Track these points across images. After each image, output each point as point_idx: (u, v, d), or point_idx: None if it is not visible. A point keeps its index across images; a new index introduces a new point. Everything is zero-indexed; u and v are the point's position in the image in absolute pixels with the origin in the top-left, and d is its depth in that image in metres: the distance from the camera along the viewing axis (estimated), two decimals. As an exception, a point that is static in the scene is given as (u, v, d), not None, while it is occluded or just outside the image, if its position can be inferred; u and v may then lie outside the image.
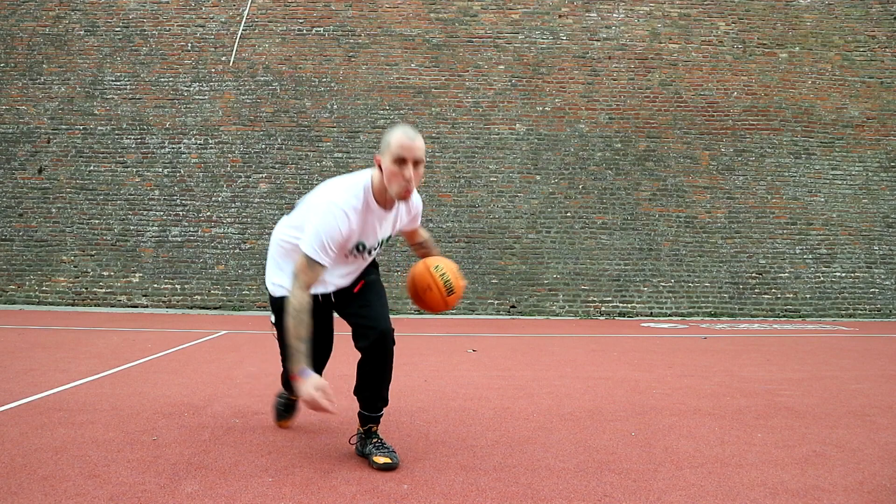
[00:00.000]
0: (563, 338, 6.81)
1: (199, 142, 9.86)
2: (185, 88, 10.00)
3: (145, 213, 9.66)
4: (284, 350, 2.34)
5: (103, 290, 9.41)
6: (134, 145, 9.84)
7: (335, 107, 9.97)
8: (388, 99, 9.99)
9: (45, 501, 1.88)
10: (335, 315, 2.42)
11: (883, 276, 9.90)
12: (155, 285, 9.42)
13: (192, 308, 9.31)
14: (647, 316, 9.51)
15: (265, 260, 2.48)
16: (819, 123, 10.29)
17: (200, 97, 9.97)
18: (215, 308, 9.31)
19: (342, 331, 2.42)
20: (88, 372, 4.07)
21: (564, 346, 5.93)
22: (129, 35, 10.19)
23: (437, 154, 9.88)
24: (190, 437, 2.59)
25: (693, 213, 9.88)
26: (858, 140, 10.28)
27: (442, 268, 2.31)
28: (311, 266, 2.08)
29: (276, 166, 9.82)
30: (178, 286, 9.42)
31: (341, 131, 9.92)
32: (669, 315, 9.52)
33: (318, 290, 2.25)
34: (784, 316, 9.61)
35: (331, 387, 3.73)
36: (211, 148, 9.85)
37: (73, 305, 9.34)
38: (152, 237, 9.59)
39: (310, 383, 1.98)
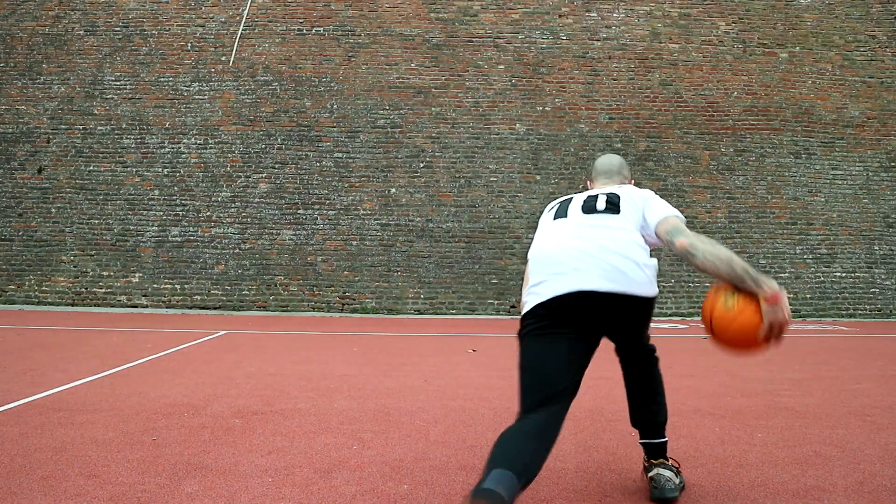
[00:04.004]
0: (563, 338, 6.79)
1: (198, 142, 9.86)
2: (185, 88, 10.00)
3: (145, 213, 9.66)
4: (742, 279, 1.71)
5: (103, 290, 9.41)
6: (134, 145, 9.84)
7: (335, 107, 9.97)
8: (388, 99, 9.99)
9: (45, 501, 1.88)
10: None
11: (883, 276, 9.90)
12: (155, 285, 9.42)
13: (191, 308, 9.30)
14: (647, 316, 9.50)
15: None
16: (819, 123, 10.28)
17: (200, 97, 9.97)
18: (215, 308, 9.31)
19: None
20: (88, 372, 4.07)
21: (564, 346, 5.91)
22: (128, 35, 10.18)
23: (437, 154, 9.88)
24: (190, 437, 2.59)
25: (693, 213, 9.87)
26: (859, 140, 10.27)
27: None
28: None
29: (276, 166, 9.81)
30: (178, 286, 9.42)
31: (341, 131, 9.92)
32: (670, 315, 9.52)
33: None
34: (784, 316, 9.59)
35: (331, 387, 3.71)
36: (211, 148, 9.84)
37: (72, 305, 9.34)
38: (152, 237, 9.59)
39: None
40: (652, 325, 2.22)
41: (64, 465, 2.21)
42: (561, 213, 1.98)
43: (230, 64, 10.05)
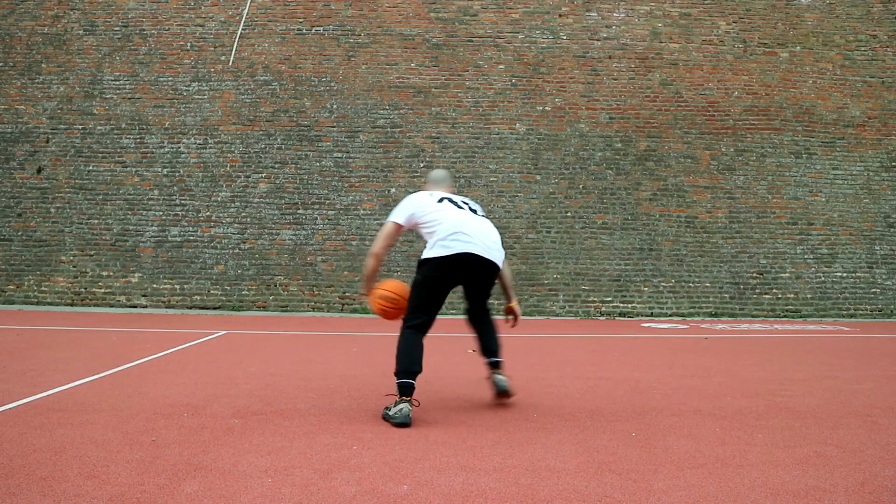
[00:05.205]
0: (563, 338, 6.80)
1: (198, 141, 9.85)
2: (185, 88, 9.99)
3: (144, 212, 9.65)
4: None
5: (102, 291, 9.40)
6: (133, 145, 9.83)
7: (335, 106, 9.96)
8: (388, 99, 9.98)
9: (45, 502, 1.87)
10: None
11: (884, 277, 9.89)
12: (154, 285, 9.41)
13: (191, 308, 9.30)
14: (647, 316, 9.50)
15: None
16: (820, 123, 10.28)
17: (200, 97, 9.97)
18: (215, 308, 9.30)
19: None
20: (87, 372, 4.06)
21: (564, 346, 5.92)
22: (128, 34, 10.18)
23: (437, 154, 9.87)
24: (190, 438, 2.59)
25: (694, 213, 9.87)
26: (859, 140, 10.27)
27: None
28: None
29: (276, 166, 9.81)
30: (178, 286, 9.41)
31: (341, 131, 9.91)
32: (670, 315, 9.51)
33: None
34: (785, 316, 9.60)
35: (331, 387, 3.73)
36: (210, 148, 9.84)
37: (72, 305, 9.33)
38: (151, 237, 9.58)
39: None
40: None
41: (63, 466, 2.20)
42: (458, 206, 3.17)
43: (230, 64, 10.05)
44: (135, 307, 9.31)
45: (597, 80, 10.18)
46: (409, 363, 2.87)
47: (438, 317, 3.20)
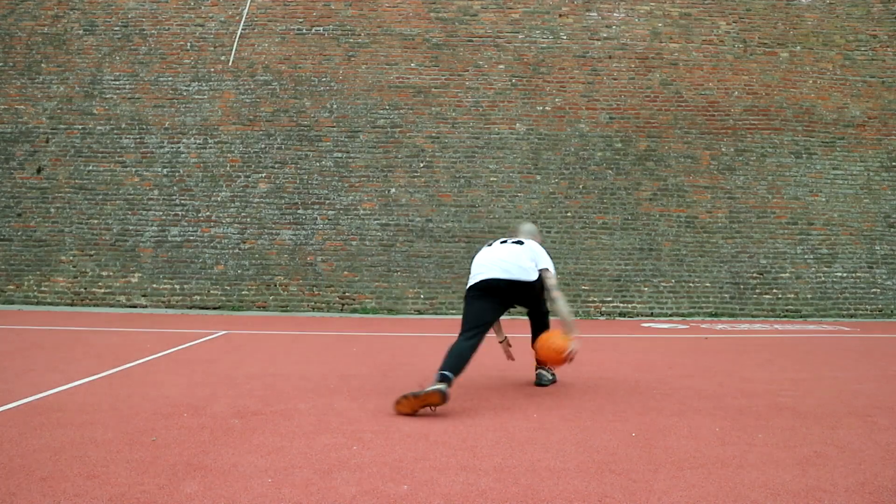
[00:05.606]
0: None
1: (198, 141, 9.85)
2: (185, 88, 9.99)
3: (144, 212, 9.65)
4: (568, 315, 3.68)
5: (102, 291, 9.40)
6: (133, 145, 9.83)
7: (335, 106, 9.96)
8: (388, 99, 9.98)
9: (44, 502, 1.87)
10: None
11: (884, 277, 9.89)
12: (154, 285, 9.41)
13: (191, 308, 9.30)
14: (647, 316, 9.50)
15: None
16: (820, 123, 10.27)
17: (200, 97, 9.96)
18: (214, 308, 9.30)
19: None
20: (87, 372, 4.06)
21: (565, 346, 5.91)
22: (128, 34, 10.18)
23: (437, 154, 9.87)
24: (190, 438, 2.59)
25: (694, 213, 9.87)
26: (860, 140, 10.27)
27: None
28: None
29: (276, 166, 9.81)
30: (178, 286, 9.41)
31: (341, 131, 9.91)
32: (670, 315, 9.51)
33: None
34: (785, 316, 9.60)
35: (331, 387, 3.72)
36: (210, 148, 9.84)
37: (71, 305, 9.33)
38: (151, 237, 9.58)
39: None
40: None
41: (63, 466, 2.20)
42: (489, 244, 3.84)
43: (230, 64, 10.05)
44: (135, 307, 9.31)
45: (597, 80, 10.18)
46: (454, 364, 3.17)
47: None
